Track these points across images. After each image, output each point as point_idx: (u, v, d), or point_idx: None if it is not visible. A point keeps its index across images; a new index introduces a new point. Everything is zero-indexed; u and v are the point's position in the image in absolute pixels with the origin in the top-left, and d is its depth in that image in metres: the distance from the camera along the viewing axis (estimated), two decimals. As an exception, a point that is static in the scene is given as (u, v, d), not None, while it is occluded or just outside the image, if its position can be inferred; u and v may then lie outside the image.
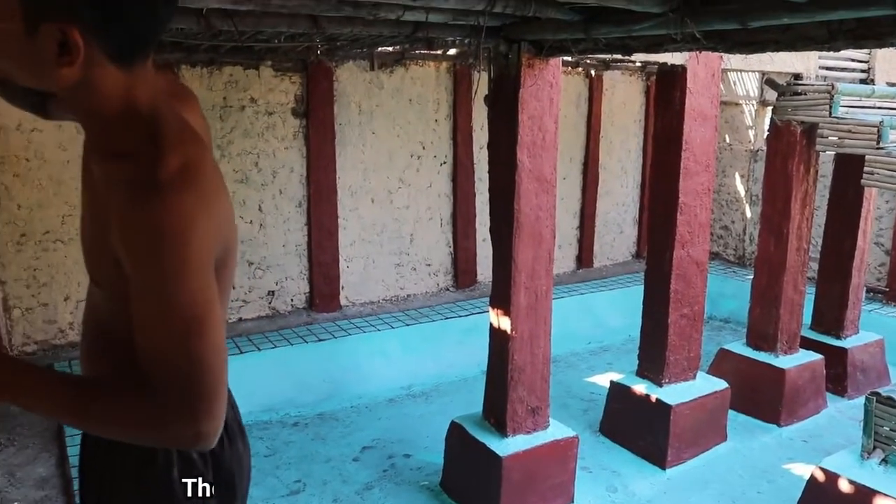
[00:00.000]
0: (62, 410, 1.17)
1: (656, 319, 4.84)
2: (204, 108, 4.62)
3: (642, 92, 8.74)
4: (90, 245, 1.32)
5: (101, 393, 1.18)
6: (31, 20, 1.04)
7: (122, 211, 1.11)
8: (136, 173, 1.11)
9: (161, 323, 1.11)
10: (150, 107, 1.20)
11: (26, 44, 1.07)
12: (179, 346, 1.11)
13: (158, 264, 1.09)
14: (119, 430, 1.19)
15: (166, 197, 1.08)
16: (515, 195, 3.89)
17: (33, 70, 1.11)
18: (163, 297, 1.10)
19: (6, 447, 4.39)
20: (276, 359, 5.76)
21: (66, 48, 1.06)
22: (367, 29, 3.57)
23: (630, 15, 2.83)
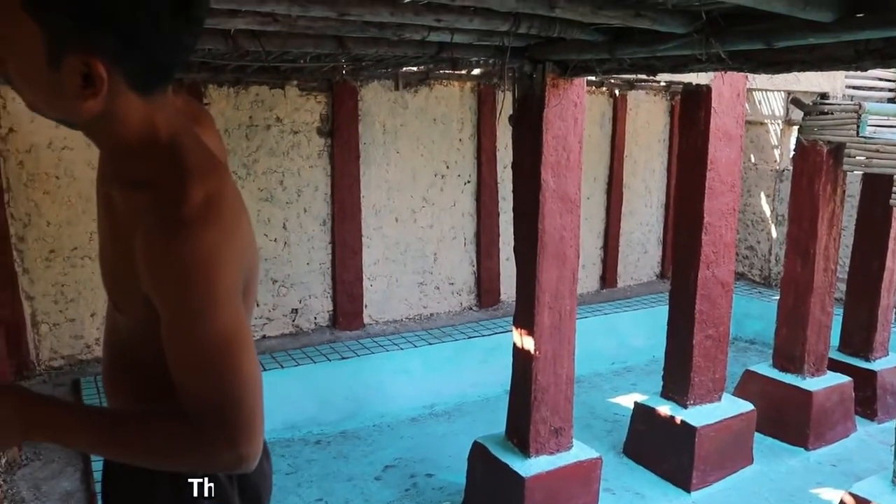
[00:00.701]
0: (98, 446, 1.21)
1: (681, 340, 4.80)
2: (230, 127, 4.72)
3: (666, 111, 8.72)
4: (111, 270, 1.34)
5: (136, 427, 1.19)
6: (55, 54, 1.05)
7: (148, 248, 1.12)
8: (160, 208, 1.12)
9: (196, 355, 1.13)
10: (169, 134, 1.20)
11: (50, 77, 1.07)
12: (216, 376, 1.13)
13: (188, 300, 1.11)
14: (161, 461, 1.21)
15: (191, 233, 1.09)
16: (540, 215, 3.88)
17: (59, 102, 1.12)
18: (195, 330, 1.12)
19: (32, 461, 4.42)
20: (300, 376, 5.77)
21: (89, 80, 1.07)
22: (392, 49, 3.60)
23: (655, 35, 2.84)
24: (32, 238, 5.54)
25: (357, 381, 5.98)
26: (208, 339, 1.12)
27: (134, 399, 1.38)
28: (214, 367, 1.13)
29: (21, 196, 5.46)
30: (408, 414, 5.94)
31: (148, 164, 1.18)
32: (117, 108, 1.13)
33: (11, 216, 5.43)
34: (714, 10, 2.54)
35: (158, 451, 1.17)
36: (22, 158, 5.43)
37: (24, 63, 1.08)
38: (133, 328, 1.31)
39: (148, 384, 1.30)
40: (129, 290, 1.21)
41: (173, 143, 1.20)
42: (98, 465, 4.12)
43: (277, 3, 2.48)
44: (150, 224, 1.12)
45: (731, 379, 5.40)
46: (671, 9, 2.61)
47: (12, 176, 5.42)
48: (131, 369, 1.37)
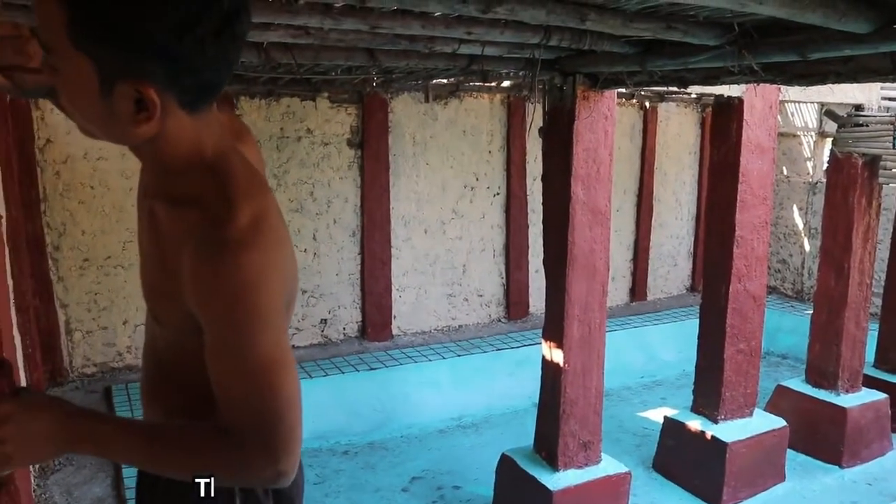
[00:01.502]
0: (139, 459, 1.23)
1: (712, 354, 4.75)
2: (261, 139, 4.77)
3: (697, 123, 8.66)
4: (153, 283, 1.34)
5: (178, 441, 1.21)
6: (106, 83, 1.06)
7: (195, 267, 1.13)
8: (207, 228, 1.13)
9: (240, 374, 1.15)
10: (216, 152, 1.22)
11: (104, 105, 1.09)
12: (258, 394, 1.15)
13: (234, 320, 1.12)
14: (199, 476, 1.21)
15: (238, 254, 1.10)
16: (569, 227, 3.87)
17: (113, 128, 1.14)
18: (240, 349, 1.13)
19: (65, 466, 4.48)
20: (328, 387, 5.79)
21: (142, 105, 1.08)
22: (422, 62, 3.62)
23: (686, 47, 2.83)
24: (67, 247, 5.63)
25: (385, 392, 5.98)
26: (252, 358, 1.13)
27: (170, 409, 1.40)
28: (257, 386, 1.14)
29: (57, 206, 5.55)
30: (436, 425, 5.94)
31: (194, 183, 1.19)
32: (168, 127, 1.14)
33: (47, 225, 5.53)
34: (747, 22, 2.52)
35: (198, 466, 1.19)
36: (58, 169, 5.53)
37: (78, 93, 1.10)
38: (172, 340, 1.32)
39: (185, 396, 1.31)
40: (170, 303, 1.22)
41: (219, 161, 1.21)
42: (129, 472, 4.16)
43: (310, 16, 2.50)
44: (197, 244, 1.13)
45: (763, 394, 5.32)
46: (703, 21, 2.60)
47: (49, 186, 5.52)
48: (169, 380, 1.39)
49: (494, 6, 2.32)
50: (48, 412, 1.14)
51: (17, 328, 3.81)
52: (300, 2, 2.43)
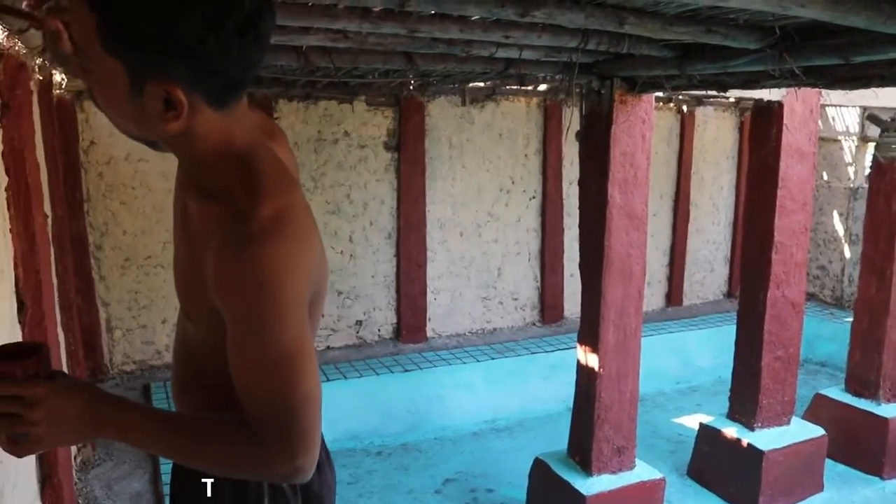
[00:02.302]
0: (163, 447, 1.25)
1: (749, 361, 4.70)
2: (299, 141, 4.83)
3: (735, 128, 8.56)
4: (183, 279, 1.38)
5: (200, 432, 1.24)
6: (136, 83, 1.11)
7: (218, 260, 1.16)
8: (230, 221, 1.16)
9: (260, 368, 1.17)
10: (245, 146, 1.24)
11: (135, 104, 1.13)
12: (278, 389, 1.17)
13: (255, 314, 1.14)
14: (220, 468, 1.26)
15: (261, 248, 1.12)
16: (606, 231, 3.86)
17: (144, 126, 1.19)
18: (261, 344, 1.15)
19: (105, 461, 4.56)
20: (362, 388, 5.83)
21: (170, 103, 1.12)
22: (460, 65, 3.64)
23: (726, 51, 2.81)
24: (109, 246, 5.74)
25: (419, 393, 6.00)
26: (272, 352, 1.15)
27: (200, 405, 1.43)
28: (276, 380, 1.16)
29: (99, 206, 5.66)
30: (469, 428, 5.94)
31: (222, 176, 1.23)
32: (196, 124, 1.17)
33: (90, 225, 5.64)
34: (788, 25, 2.50)
35: (218, 457, 1.22)
36: (101, 170, 5.64)
37: (111, 93, 1.15)
38: (201, 337, 1.35)
39: (213, 392, 1.34)
40: (198, 298, 1.25)
41: (248, 155, 1.24)
42: (166, 469, 4.23)
43: (349, 20, 2.53)
44: (221, 236, 1.16)
45: (801, 402, 5.25)
46: (743, 24, 2.58)
47: (92, 187, 5.63)
48: (198, 376, 1.42)
49: (532, 10, 2.33)
50: (79, 397, 1.17)
51: (61, 325, 3.89)
52: (339, 6, 2.46)
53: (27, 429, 1.13)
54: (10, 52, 2.48)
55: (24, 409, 1.12)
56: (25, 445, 1.15)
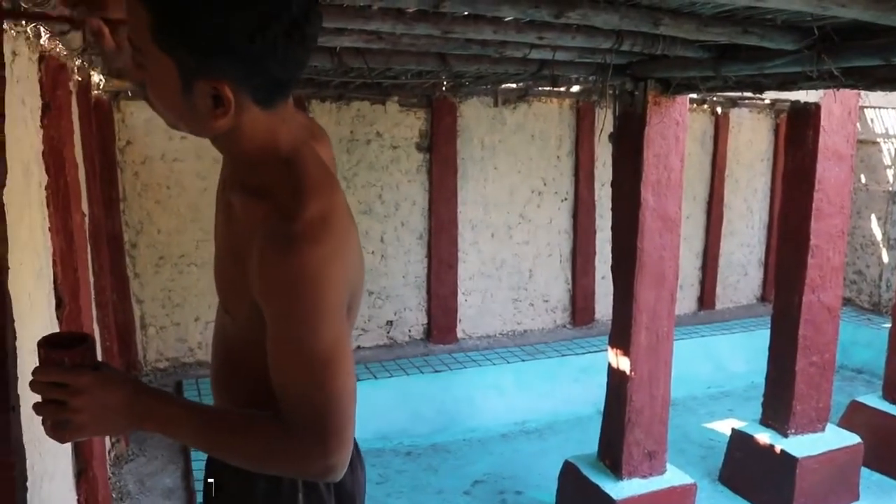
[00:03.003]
0: (199, 440, 1.27)
1: (783, 366, 4.63)
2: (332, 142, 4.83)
3: (771, 129, 8.46)
4: (224, 275, 1.40)
5: (236, 426, 1.26)
6: (187, 81, 1.15)
7: (262, 258, 1.18)
8: (275, 220, 1.18)
9: (297, 365, 1.19)
10: (291, 146, 1.27)
11: (186, 101, 1.17)
12: (315, 387, 1.19)
13: (296, 313, 1.17)
14: (253, 462, 1.28)
15: (303, 248, 1.14)
16: (639, 234, 3.83)
17: (194, 122, 1.22)
18: (299, 341, 1.18)
19: (138, 457, 4.63)
20: (392, 388, 5.84)
21: (219, 101, 1.15)
22: (493, 67, 3.63)
23: (762, 52, 2.77)
24: (144, 245, 5.82)
25: (449, 394, 6.00)
26: (310, 350, 1.17)
27: (238, 400, 1.44)
28: (314, 379, 1.18)
29: (135, 205, 5.74)
30: (498, 430, 5.93)
31: (267, 175, 1.25)
32: (244, 122, 1.21)
33: (126, 224, 5.72)
34: (827, 25, 2.47)
35: (253, 451, 1.25)
36: (137, 170, 5.72)
37: (163, 90, 1.19)
38: (240, 331, 1.36)
39: (251, 386, 1.35)
40: (239, 293, 1.27)
41: (293, 155, 1.26)
42: (198, 465, 4.28)
43: (383, 21, 2.54)
44: (266, 235, 1.18)
45: (836, 409, 5.16)
46: (781, 25, 2.55)
47: (128, 186, 5.71)
48: (236, 371, 1.43)
49: (567, 11, 2.33)
50: (121, 388, 1.20)
51: (97, 322, 3.95)
52: (374, 7, 2.47)
53: (70, 415, 1.16)
54: (51, 54, 2.52)
55: (68, 396, 1.15)
56: (68, 432, 1.19)
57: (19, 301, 1.66)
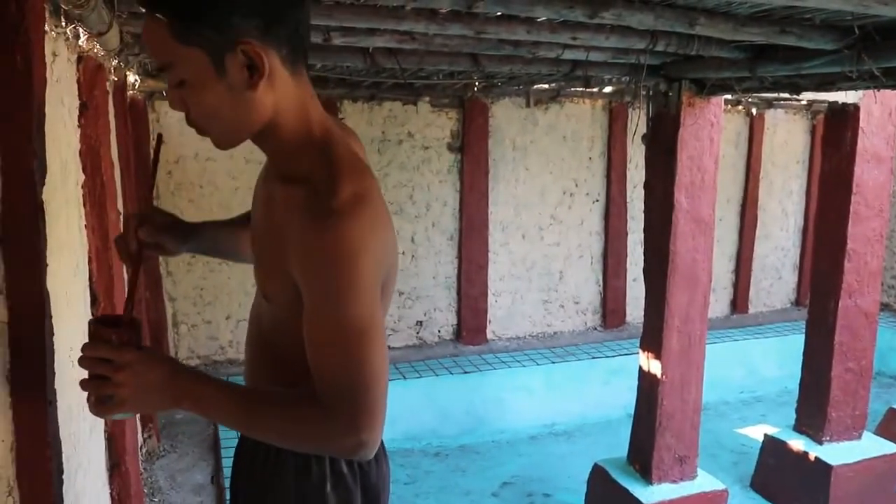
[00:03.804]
0: (235, 418, 1.31)
1: (818, 372, 4.56)
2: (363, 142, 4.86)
3: (807, 131, 8.34)
4: (264, 262, 1.43)
5: (272, 403, 1.31)
6: (218, 61, 1.19)
7: (299, 236, 1.22)
8: (312, 201, 1.22)
9: (333, 339, 1.22)
10: (323, 132, 1.32)
11: (224, 85, 1.21)
12: (348, 363, 1.22)
13: (332, 286, 1.20)
14: (286, 438, 1.32)
15: (339, 224, 1.18)
16: (672, 236, 3.80)
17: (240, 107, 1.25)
18: (335, 315, 1.21)
19: (169, 453, 4.68)
20: (422, 388, 5.84)
21: (253, 69, 1.20)
22: (525, 67, 3.62)
23: (800, 52, 2.74)
24: (177, 243, 5.87)
25: (478, 395, 5.99)
26: (345, 325, 1.21)
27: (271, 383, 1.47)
28: (348, 354, 1.21)
29: (168, 204, 5.79)
30: (527, 431, 5.91)
31: (305, 163, 1.29)
32: (282, 100, 1.26)
33: (160, 222, 5.77)
34: (868, 24, 2.42)
35: (287, 427, 1.29)
36: (170, 169, 5.78)
37: (201, 83, 1.22)
38: (278, 316, 1.40)
39: (285, 370, 1.39)
40: (278, 278, 1.31)
41: (327, 142, 1.31)
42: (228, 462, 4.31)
43: (416, 21, 2.54)
44: (303, 214, 1.22)
45: (873, 416, 5.07)
46: (819, 24, 2.52)
47: (161, 185, 5.77)
48: (273, 357, 1.47)
49: (601, 11, 2.31)
50: (161, 367, 1.26)
51: (130, 319, 3.99)
52: (407, 7, 2.47)
53: (113, 390, 1.22)
54: (89, 54, 2.55)
55: (112, 371, 1.21)
56: (110, 406, 1.25)
57: (57, 298, 1.68)
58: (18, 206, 1.38)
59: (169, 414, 5.23)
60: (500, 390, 6.07)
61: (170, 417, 5.18)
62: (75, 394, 2.03)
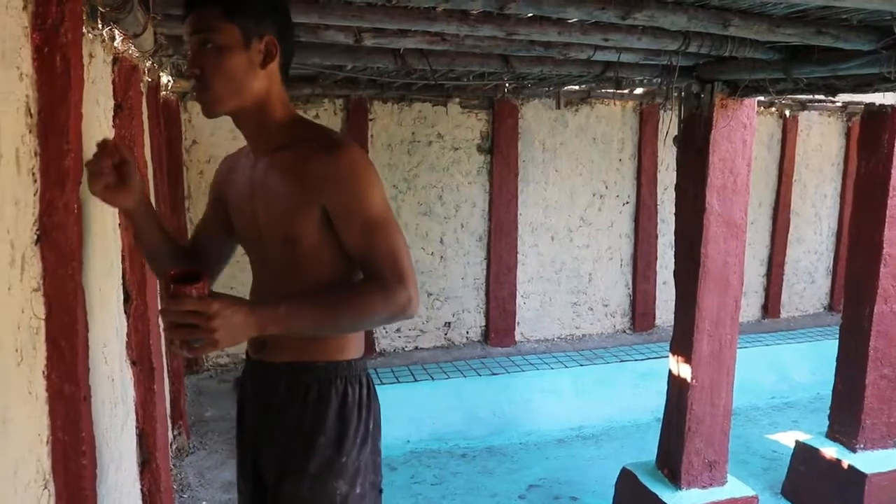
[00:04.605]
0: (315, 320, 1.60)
1: (852, 378, 4.49)
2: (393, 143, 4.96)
3: (842, 133, 8.23)
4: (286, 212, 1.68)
5: (339, 293, 1.66)
6: (247, 39, 1.61)
7: (322, 172, 1.61)
8: (321, 146, 1.63)
9: (371, 228, 1.62)
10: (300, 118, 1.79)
11: (245, 57, 1.62)
12: (387, 243, 1.62)
13: (357, 190, 1.61)
14: (361, 317, 1.63)
15: (348, 150, 1.63)
16: (703, 239, 3.76)
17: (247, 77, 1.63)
18: (368, 210, 1.62)
19: (199, 450, 4.72)
20: (449, 389, 5.84)
21: (268, 54, 1.64)
22: (556, 68, 3.61)
23: (836, 53, 2.70)
24: (208, 242, 5.93)
25: (505, 397, 5.98)
26: (378, 215, 1.63)
27: None
28: (383, 234, 1.62)
29: (199, 203, 5.86)
30: (555, 434, 5.88)
31: (297, 131, 1.72)
32: (273, 86, 1.68)
33: (190, 221, 5.84)
34: (906, 26, 2.39)
35: (359, 306, 1.61)
36: (202, 168, 5.85)
37: (229, 49, 1.60)
38: (305, 250, 1.68)
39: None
40: (304, 216, 1.64)
41: (306, 120, 1.80)
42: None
43: (447, 22, 2.54)
44: (318, 157, 1.62)
45: (909, 424, 4.98)
46: (857, 25, 2.48)
47: (193, 184, 5.84)
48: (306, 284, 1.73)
49: (634, 12, 2.30)
50: (242, 308, 1.49)
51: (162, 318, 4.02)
52: (438, 8, 2.47)
53: (205, 335, 1.43)
54: (124, 56, 2.58)
55: (203, 320, 1.42)
56: (200, 348, 1.46)
57: (91, 295, 1.71)
58: (56, 205, 1.40)
59: (198, 413, 5.28)
60: (527, 392, 6.05)
61: (199, 416, 5.23)
62: (108, 389, 2.06)
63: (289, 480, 1.78)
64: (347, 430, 1.77)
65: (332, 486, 1.76)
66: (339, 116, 6.15)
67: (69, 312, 1.46)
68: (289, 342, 1.75)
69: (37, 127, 1.36)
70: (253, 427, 1.90)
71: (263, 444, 1.85)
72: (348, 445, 1.77)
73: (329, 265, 1.70)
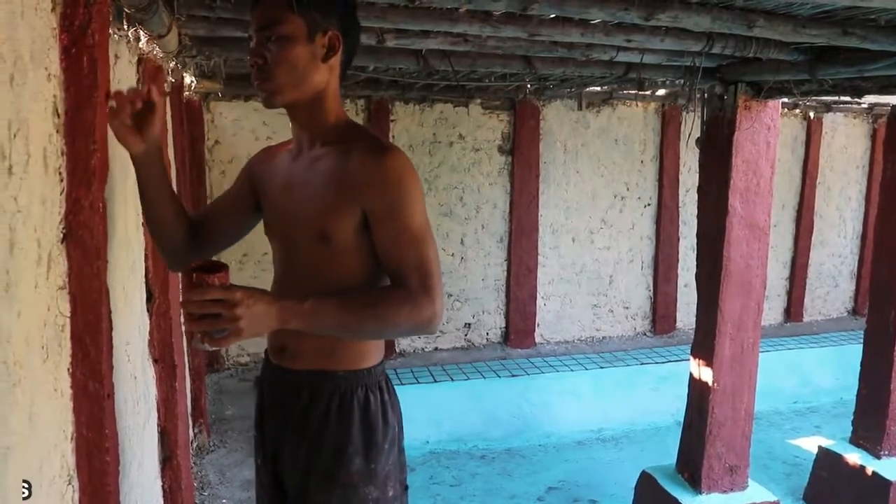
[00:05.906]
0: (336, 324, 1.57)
1: (877, 384, 4.44)
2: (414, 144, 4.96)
3: (867, 135, 8.14)
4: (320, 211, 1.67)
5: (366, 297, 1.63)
6: (311, 33, 1.64)
7: (368, 174, 1.60)
8: (370, 148, 1.63)
9: (406, 236, 1.60)
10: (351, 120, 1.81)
11: (308, 49, 1.64)
12: (420, 253, 1.61)
13: (403, 196, 1.61)
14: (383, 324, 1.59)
15: (396, 156, 1.62)
16: (725, 242, 3.74)
17: (309, 68, 1.66)
18: (406, 222, 1.60)
19: (219, 448, 4.75)
20: (469, 391, 5.84)
21: (330, 49, 1.67)
22: (578, 69, 3.60)
23: (863, 54, 2.67)
24: (229, 242, 5.96)
25: (525, 399, 5.97)
26: (416, 225, 1.61)
27: None
28: (420, 247, 1.61)
29: (223, 202, 5.89)
30: (574, 436, 5.86)
31: (347, 132, 1.73)
32: (331, 84, 1.71)
33: (213, 221, 5.86)
34: (935, 27, 2.36)
35: (384, 313, 1.57)
36: (224, 168, 5.88)
37: (294, 40, 1.62)
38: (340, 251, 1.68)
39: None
40: (343, 216, 1.63)
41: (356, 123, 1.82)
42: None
43: (470, 23, 2.54)
44: (362, 154, 1.62)
45: (934, 430, 4.92)
46: (884, 25, 2.45)
47: (215, 184, 5.87)
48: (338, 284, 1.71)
49: (657, 13, 2.28)
50: (265, 298, 1.48)
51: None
52: (461, 9, 2.47)
53: (228, 324, 1.42)
54: (148, 56, 2.60)
55: (226, 309, 1.41)
56: (224, 338, 1.43)
57: (115, 293, 1.72)
58: (82, 204, 1.41)
59: (219, 411, 5.31)
60: (547, 394, 6.04)
61: (220, 414, 5.26)
62: (131, 387, 2.07)
63: (318, 490, 1.77)
64: (374, 437, 1.76)
65: (364, 492, 1.76)
66: (360, 117, 6.16)
67: (94, 310, 1.47)
68: (309, 349, 1.75)
69: (63, 127, 1.37)
70: (273, 432, 1.89)
71: (284, 450, 1.84)
72: (375, 452, 1.76)
73: (357, 269, 1.68)
